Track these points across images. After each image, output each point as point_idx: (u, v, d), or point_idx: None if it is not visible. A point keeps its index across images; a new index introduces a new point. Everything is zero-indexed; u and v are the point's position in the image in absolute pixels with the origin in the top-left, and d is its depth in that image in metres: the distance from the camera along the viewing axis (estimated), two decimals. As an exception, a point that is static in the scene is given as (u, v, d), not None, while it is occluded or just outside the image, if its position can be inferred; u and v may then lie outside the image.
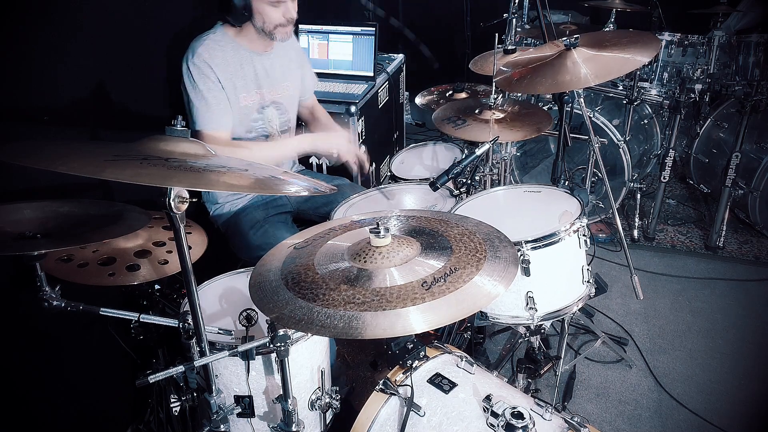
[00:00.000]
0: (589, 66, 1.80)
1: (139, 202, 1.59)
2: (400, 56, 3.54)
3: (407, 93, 3.79)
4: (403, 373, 1.44)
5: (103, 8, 1.91)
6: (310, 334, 1.41)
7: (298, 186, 1.24)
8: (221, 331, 1.42)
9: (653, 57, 2.16)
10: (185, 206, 1.09)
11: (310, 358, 1.47)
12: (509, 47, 2.35)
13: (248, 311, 1.33)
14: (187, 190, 1.08)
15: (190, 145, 1.15)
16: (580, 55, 1.85)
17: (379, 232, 1.21)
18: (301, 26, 3.05)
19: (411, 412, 1.32)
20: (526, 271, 1.65)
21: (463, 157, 1.97)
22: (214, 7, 2.04)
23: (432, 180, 1.88)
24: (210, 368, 1.32)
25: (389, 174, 2.51)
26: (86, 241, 1.40)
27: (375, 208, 2.02)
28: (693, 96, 3.03)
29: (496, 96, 2.16)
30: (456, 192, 2.05)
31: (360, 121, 2.88)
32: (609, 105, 3.55)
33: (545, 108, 2.92)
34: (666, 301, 2.85)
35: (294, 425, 1.36)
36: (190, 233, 1.71)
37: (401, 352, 1.45)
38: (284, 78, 2.25)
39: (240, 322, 1.33)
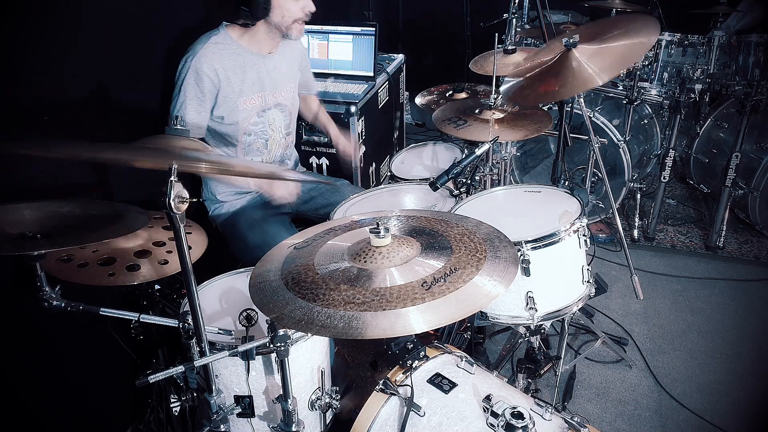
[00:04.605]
0: (594, 63, 1.76)
1: (139, 202, 1.59)
2: (400, 56, 3.54)
3: (407, 93, 3.79)
4: (403, 373, 1.44)
5: (105, 8, 1.91)
6: (310, 334, 1.41)
7: (297, 177, 1.24)
8: (221, 331, 1.42)
9: (655, 40, 2.09)
10: (185, 206, 1.09)
11: (310, 358, 1.47)
12: (509, 47, 2.35)
13: (248, 311, 1.33)
14: (187, 190, 1.09)
15: (190, 143, 1.15)
16: (582, 53, 1.81)
17: (379, 232, 1.21)
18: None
19: (411, 412, 1.32)
20: (526, 271, 1.65)
21: (463, 157, 1.97)
22: (219, 8, 2.03)
23: (432, 180, 1.88)
24: (210, 368, 1.32)
25: (389, 174, 2.52)
26: (86, 241, 1.40)
27: (374, 209, 2.02)
28: (693, 96, 3.03)
29: (496, 96, 2.16)
30: (456, 192, 2.04)
31: (360, 121, 2.88)
32: (609, 105, 3.55)
33: (545, 108, 2.92)
34: (666, 301, 2.85)
35: (294, 425, 1.36)
36: (190, 233, 1.71)
37: (401, 352, 1.45)
38: (288, 79, 2.25)
39: (240, 322, 1.33)
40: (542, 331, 1.76)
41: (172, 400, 1.40)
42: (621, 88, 3.28)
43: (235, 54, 2.04)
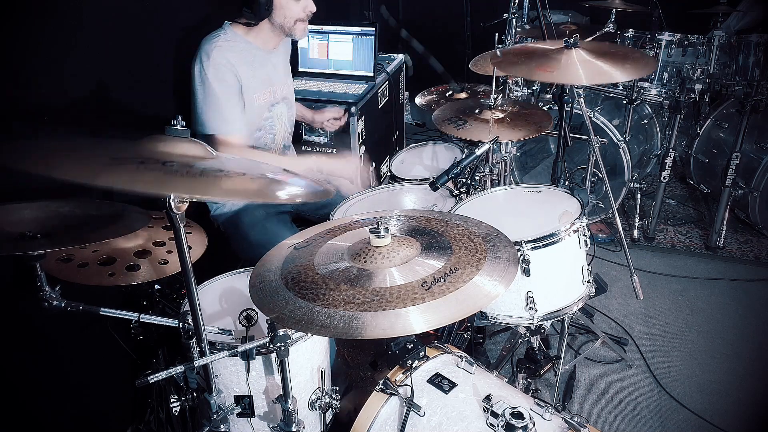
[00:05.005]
0: (583, 67, 1.83)
1: (139, 202, 1.59)
2: (400, 56, 3.54)
3: (407, 93, 3.79)
4: (403, 373, 1.44)
5: (105, 8, 1.91)
6: (310, 334, 1.41)
7: (296, 190, 1.22)
8: (221, 331, 1.42)
9: (640, 76, 2.21)
10: (185, 206, 1.09)
11: (310, 358, 1.47)
12: (509, 47, 2.35)
13: (248, 311, 1.33)
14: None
15: (190, 146, 1.14)
16: (578, 56, 1.87)
17: (379, 232, 1.21)
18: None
19: (411, 412, 1.32)
20: (526, 271, 1.65)
21: (463, 157, 1.97)
22: (220, 8, 2.03)
23: (432, 180, 1.88)
24: (210, 368, 1.32)
25: (389, 174, 2.51)
26: (86, 241, 1.40)
27: (374, 209, 2.02)
28: (693, 96, 3.03)
29: (496, 96, 2.16)
30: (456, 192, 2.05)
31: (360, 121, 2.88)
32: (609, 105, 3.55)
33: (545, 108, 2.92)
34: (666, 301, 2.85)
35: (294, 425, 1.36)
36: (190, 233, 1.71)
37: (401, 352, 1.45)
38: (287, 73, 2.30)
39: (240, 322, 1.33)
40: (542, 331, 1.76)
41: (172, 400, 1.40)
42: (621, 88, 3.28)
43: (245, 51, 2.06)
